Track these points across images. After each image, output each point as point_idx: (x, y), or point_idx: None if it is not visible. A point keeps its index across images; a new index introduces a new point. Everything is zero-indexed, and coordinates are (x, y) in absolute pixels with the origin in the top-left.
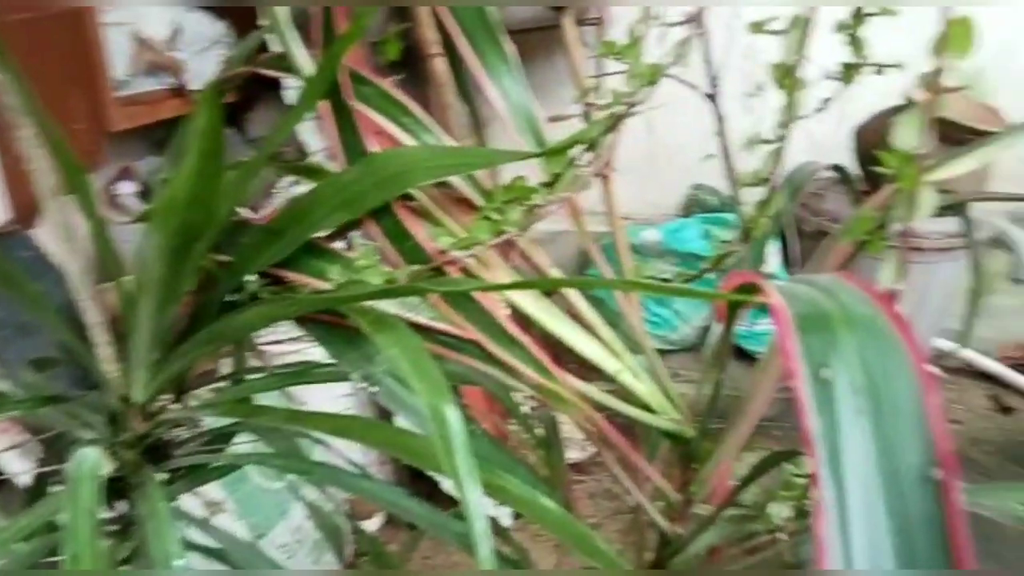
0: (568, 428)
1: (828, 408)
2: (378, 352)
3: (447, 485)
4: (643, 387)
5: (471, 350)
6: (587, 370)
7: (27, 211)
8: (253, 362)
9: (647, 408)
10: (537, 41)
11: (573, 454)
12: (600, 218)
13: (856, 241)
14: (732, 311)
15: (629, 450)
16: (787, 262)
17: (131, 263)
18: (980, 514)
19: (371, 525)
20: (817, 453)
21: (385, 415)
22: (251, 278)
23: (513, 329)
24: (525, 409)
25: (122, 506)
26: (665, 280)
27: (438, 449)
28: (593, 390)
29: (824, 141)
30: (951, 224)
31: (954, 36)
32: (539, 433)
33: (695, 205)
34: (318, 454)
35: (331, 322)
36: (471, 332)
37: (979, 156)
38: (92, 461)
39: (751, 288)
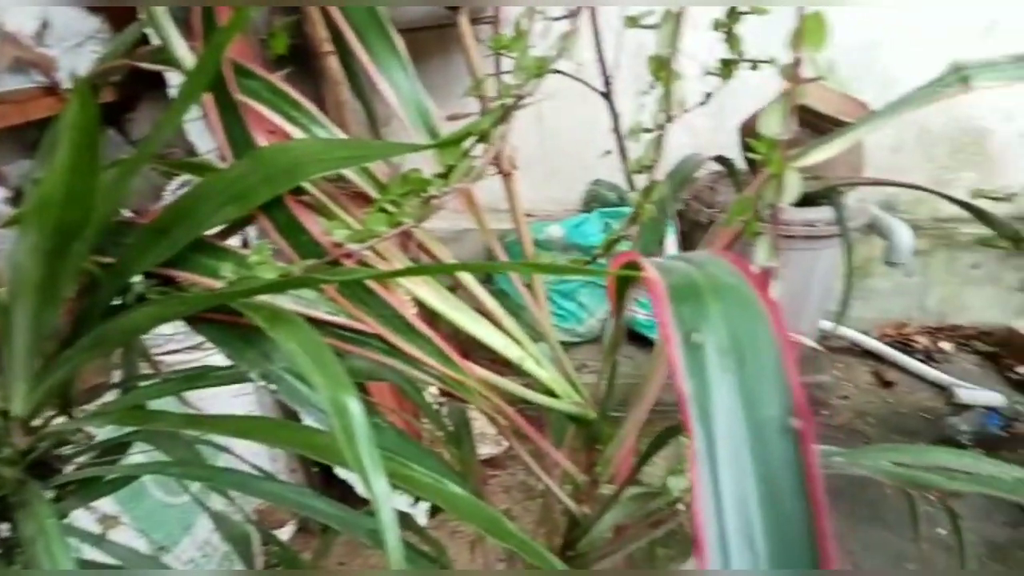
0: (481, 424)
1: (698, 369)
2: (276, 349)
3: (360, 488)
4: (546, 374)
5: (375, 344)
6: (497, 365)
7: None
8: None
9: (551, 393)
10: (434, 40)
11: (487, 449)
12: (504, 215)
13: (737, 225)
14: (621, 292)
15: (537, 437)
16: (681, 251)
17: (4, 270)
18: (867, 483)
19: (282, 535)
20: (690, 410)
21: (291, 419)
22: (137, 279)
23: (416, 321)
24: (435, 407)
25: (5, 528)
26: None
27: (340, 440)
28: (498, 378)
29: (714, 137)
30: (832, 213)
31: (808, 30)
32: (450, 429)
33: (594, 200)
34: (223, 463)
35: (226, 321)
36: (372, 326)
37: (842, 141)
38: None
39: (633, 266)
